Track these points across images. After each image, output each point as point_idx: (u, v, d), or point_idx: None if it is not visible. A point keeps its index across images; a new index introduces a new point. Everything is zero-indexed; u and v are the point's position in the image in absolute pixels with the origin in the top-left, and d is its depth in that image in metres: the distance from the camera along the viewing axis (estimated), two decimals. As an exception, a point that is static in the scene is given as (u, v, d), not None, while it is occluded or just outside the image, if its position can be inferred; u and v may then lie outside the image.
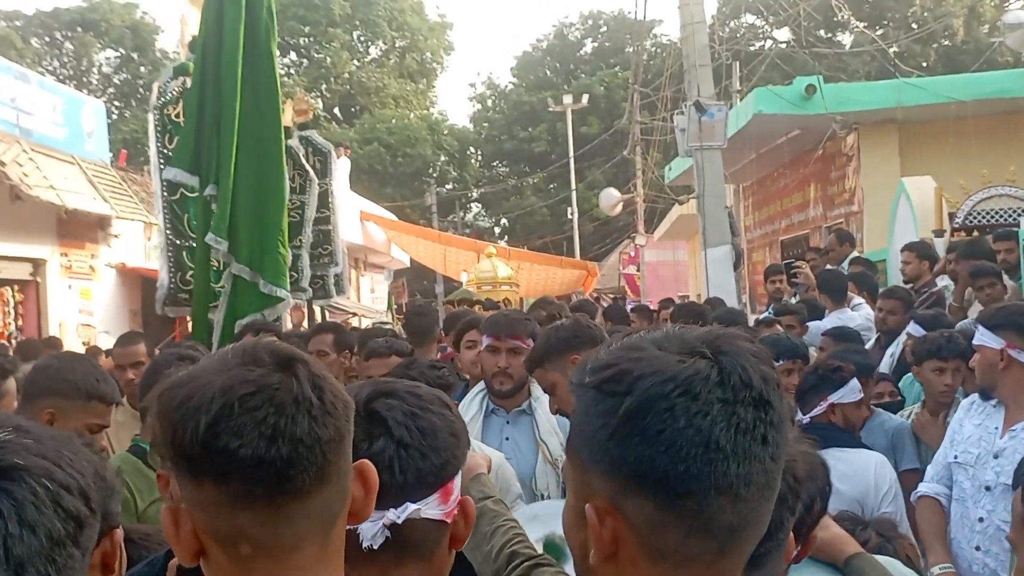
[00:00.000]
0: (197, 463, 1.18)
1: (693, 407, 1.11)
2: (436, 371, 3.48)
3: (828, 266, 9.49)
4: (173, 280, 6.82)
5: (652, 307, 13.00)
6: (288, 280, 6.36)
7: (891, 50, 23.48)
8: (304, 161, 8.92)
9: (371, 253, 24.28)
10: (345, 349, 5.28)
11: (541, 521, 2.86)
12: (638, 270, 29.49)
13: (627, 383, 1.14)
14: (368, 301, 24.74)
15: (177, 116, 6.92)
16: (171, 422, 1.18)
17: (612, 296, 32.03)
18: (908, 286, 7.61)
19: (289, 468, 1.18)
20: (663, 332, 1.21)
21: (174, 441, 1.18)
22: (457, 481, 1.65)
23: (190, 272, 6.72)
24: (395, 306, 20.76)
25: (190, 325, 6.69)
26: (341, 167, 19.24)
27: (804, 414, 3.94)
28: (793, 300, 8.85)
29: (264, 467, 1.17)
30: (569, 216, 39.19)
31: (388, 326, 8.12)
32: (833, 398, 3.95)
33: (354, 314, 20.28)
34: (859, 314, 7.69)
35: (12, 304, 13.29)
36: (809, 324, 7.34)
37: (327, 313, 15.18)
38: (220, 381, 1.19)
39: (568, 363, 3.46)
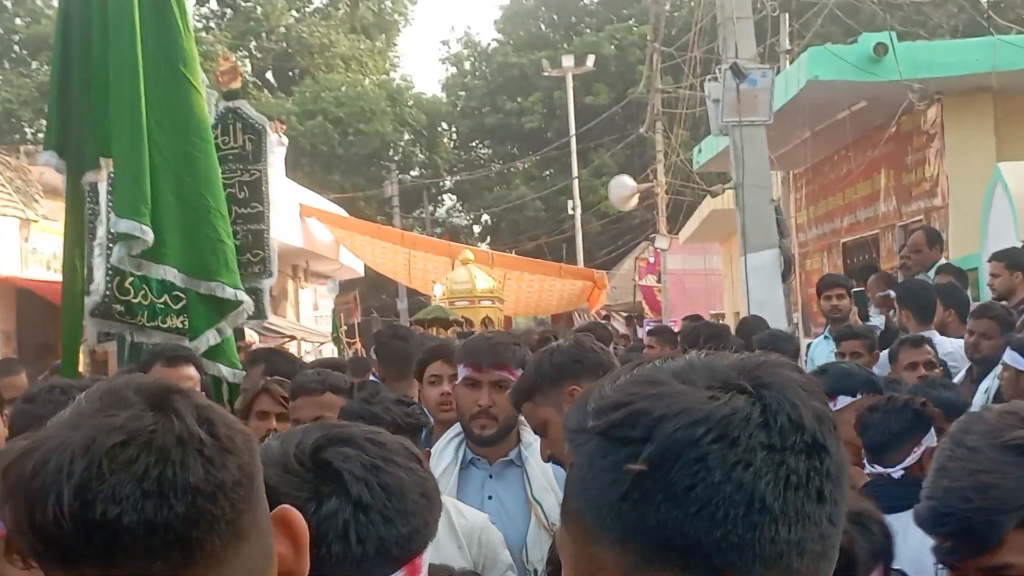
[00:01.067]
0: (68, 547, 1.15)
1: (731, 456, 1.11)
2: (405, 407, 3.48)
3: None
4: (110, 287, 6.75)
5: (676, 328, 13.01)
6: (240, 278, 6.31)
7: (983, -1, 23.60)
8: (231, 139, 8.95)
9: (314, 259, 24.29)
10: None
11: None
12: (659, 281, 29.55)
13: (645, 427, 1.13)
14: (310, 321, 24.73)
15: None
16: (26, 499, 1.16)
17: (625, 315, 32.07)
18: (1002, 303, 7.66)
19: (191, 529, 1.17)
20: (686, 360, 1.21)
21: (33, 523, 1.16)
22: (427, 556, 1.65)
23: (130, 279, 6.64)
24: (343, 327, 20.73)
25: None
26: (276, 148, 19.27)
27: (893, 463, 4.01)
28: (873, 320, 8.82)
29: (158, 534, 1.16)
30: (570, 211, 39.27)
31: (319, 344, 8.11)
32: (928, 442, 4.03)
33: (292, 337, 20.28)
34: (950, 340, 7.73)
35: None
36: (883, 352, 7.39)
37: (259, 337, 15.16)
38: (78, 436, 1.18)
39: (564, 395, 3.47)
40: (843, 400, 4.57)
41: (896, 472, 3.98)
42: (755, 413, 1.13)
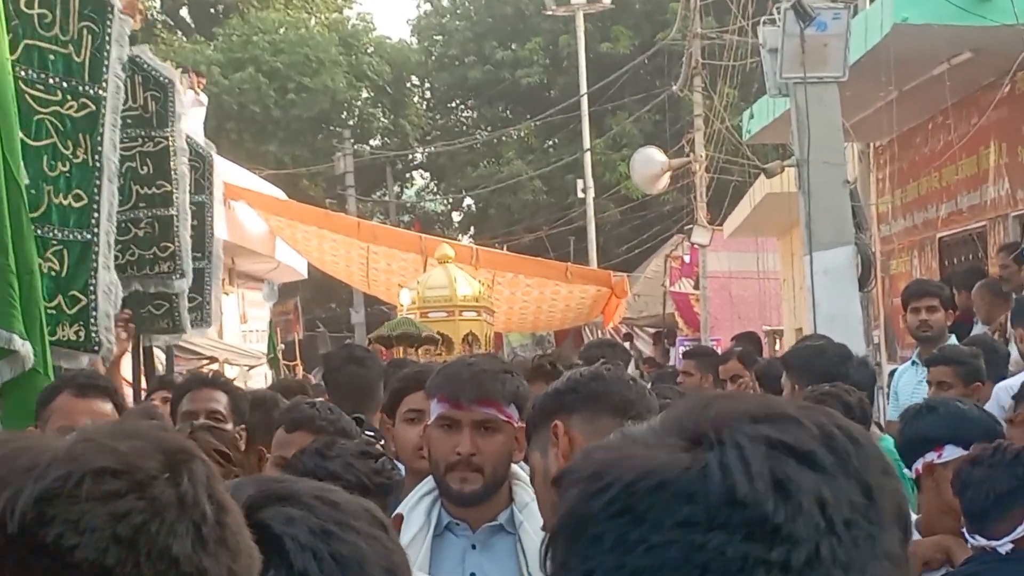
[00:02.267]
0: (5, 560, 1.20)
1: (634, 534, 1.13)
2: (369, 461, 3.49)
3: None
4: None
5: (718, 349, 13.01)
6: (18, 316, 6.23)
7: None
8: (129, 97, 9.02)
9: (242, 255, 24.23)
10: (243, 423, 5.41)
11: None
12: (696, 287, 29.56)
13: (565, 494, 1.18)
14: (235, 337, 24.64)
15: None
16: None
17: (653, 331, 31.97)
18: None
19: None
20: (679, 406, 1.24)
21: None
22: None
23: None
24: (281, 346, 20.71)
25: None
26: (193, 109, 19.26)
27: (999, 534, 4.07)
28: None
29: None
30: (579, 194, 39.21)
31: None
32: None
33: (212, 359, 20.25)
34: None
35: None
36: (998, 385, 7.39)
37: (167, 359, 15.14)
38: (68, 446, 1.23)
39: (550, 435, 3.52)
40: (952, 451, 4.56)
41: (1003, 546, 4.01)
42: (683, 477, 1.14)
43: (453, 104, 52.11)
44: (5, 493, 1.19)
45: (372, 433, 5.47)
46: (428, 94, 52.11)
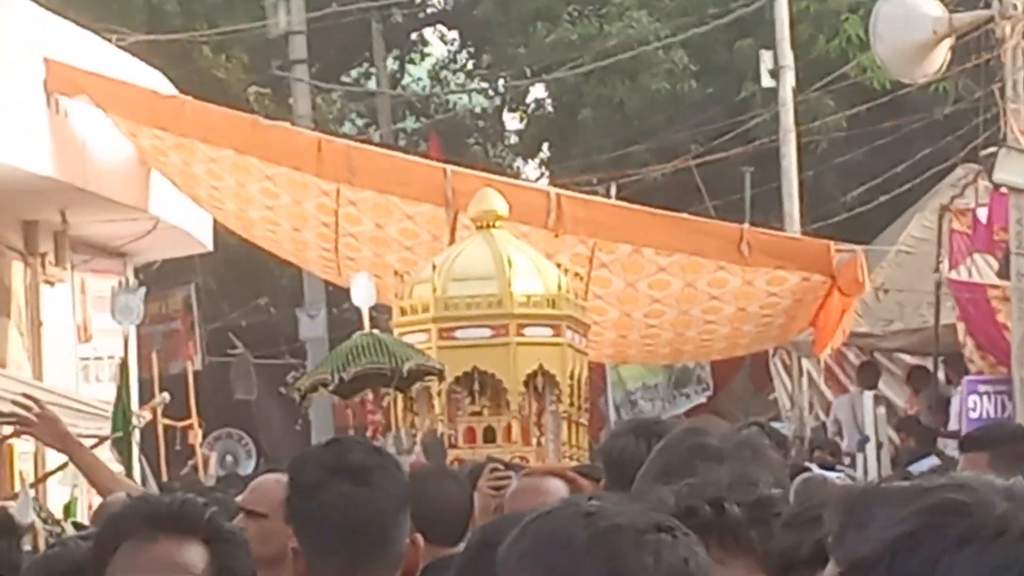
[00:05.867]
0: None
1: None
2: None
3: None
4: None
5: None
6: None
7: None
8: None
9: (81, 206, 24.53)
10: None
11: None
12: (1004, 273, 29.61)
13: None
14: (67, 372, 24.99)
15: None
16: None
17: (915, 361, 32.09)
18: None
19: None
20: None
21: None
22: None
23: None
24: (163, 397, 20.97)
25: None
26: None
27: None
28: None
29: None
30: (766, 82, 39.30)
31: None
32: None
33: (19, 426, 20.55)
34: None
35: None
36: None
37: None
38: None
39: None
40: None
41: None
42: None
43: None
44: None
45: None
46: None
